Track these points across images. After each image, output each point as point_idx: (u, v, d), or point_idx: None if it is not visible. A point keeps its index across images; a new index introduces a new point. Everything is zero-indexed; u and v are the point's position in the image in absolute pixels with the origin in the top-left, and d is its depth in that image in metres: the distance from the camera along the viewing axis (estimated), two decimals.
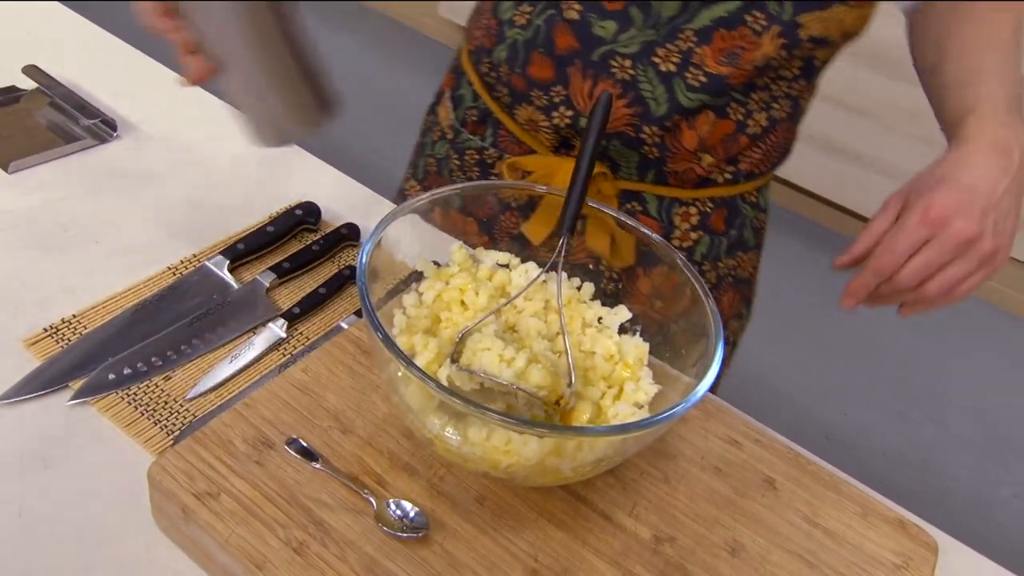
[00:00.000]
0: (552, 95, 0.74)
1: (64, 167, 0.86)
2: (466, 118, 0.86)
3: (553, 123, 0.76)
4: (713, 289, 0.84)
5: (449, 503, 0.57)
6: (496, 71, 0.79)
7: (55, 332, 0.69)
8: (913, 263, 0.62)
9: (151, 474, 0.55)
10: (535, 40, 0.74)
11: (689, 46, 0.69)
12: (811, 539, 0.62)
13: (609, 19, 0.70)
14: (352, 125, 2.66)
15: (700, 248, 0.82)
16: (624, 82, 0.71)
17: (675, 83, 0.70)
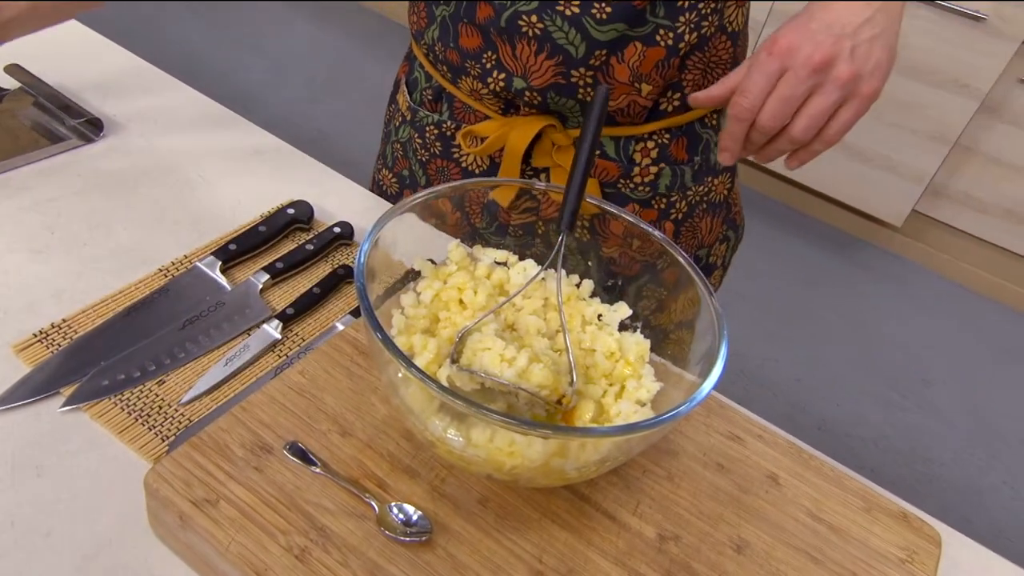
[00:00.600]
0: (484, 61, 0.77)
1: (49, 168, 0.85)
2: (423, 98, 0.88)
3: (490, 88, 0.78)
4: (687, 218, 0.86)
5: (451, 505, 0.57)
6: (433, 51, 0.82)
7: (45, 337, 0.67)
8: (770, 101, 0.62)
9: (147, 482, 0.54)
10: (458, 13, 0.76)
11: None
12: (816, 535, 0.61)
13: None
14: (343, 122, 2.65)
15: (663, 180, 0.83)
16: (537, 37, 0.73)
17: (584, 21, 0.71)
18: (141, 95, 0.98)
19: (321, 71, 2.88)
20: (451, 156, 0.87)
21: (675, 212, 0.85)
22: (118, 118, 0.93)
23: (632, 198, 0.82)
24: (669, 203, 0.84)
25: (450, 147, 0.87)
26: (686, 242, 0.88)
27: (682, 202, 0.85)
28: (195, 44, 2.82)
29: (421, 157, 0.91)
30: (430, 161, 0.89)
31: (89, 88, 0.95)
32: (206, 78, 2.59)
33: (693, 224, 0.86)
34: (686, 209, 0.86)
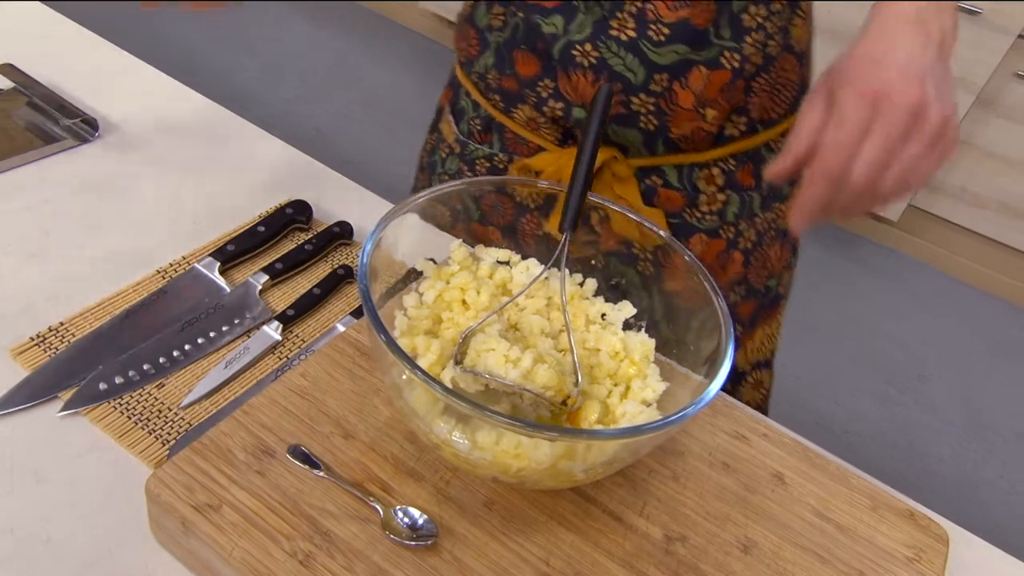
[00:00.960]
0: (539, 89, 0.73)
1: (44, 169, 0.84)
2: (471, 129, 0.84)
3: (547, 116, 0.74)
4: (756, 247, 0.81)
5: (457, 508, 0.56)
6: (484, 79, 0.78)
7: (42, 341, 0.66)
8: (866, 152, 0.52)
9: (149, 487, 0.53)
10: (515, 38, 0.72)
11: (637, 6, 0.67)
12: (823, 534, 0.61)
13: (553, 14, 0.69)
14: (340, 122, 2.64)
15: (731, 208, 0.78)
16: (593, 66, 0.70)
17: (641, 45, 0.68)
18: (136, 94, 0.97)
19: (317, 70, 2.86)
20: (504, 191, 0.81)
21: (743, 241, 0.80)
22: (113, 118, 0.92)
23: (699, 228, 0.77)
24: (737, 232, 0.79)
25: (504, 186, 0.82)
26: (755, 272, 0.81)
27: (750, 230, 0.80)
28: (190, 43, 2.80)
29: None
30: (483, 196, 0.82)
31: (84, 87, 0.94)
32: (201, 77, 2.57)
33: (763, 253, 0.80)
34: (755, 238, 0.81)
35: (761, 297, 0.83)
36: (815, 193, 0.55)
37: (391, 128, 2.64)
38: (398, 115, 2.72)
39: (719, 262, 0.78)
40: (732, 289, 0.78)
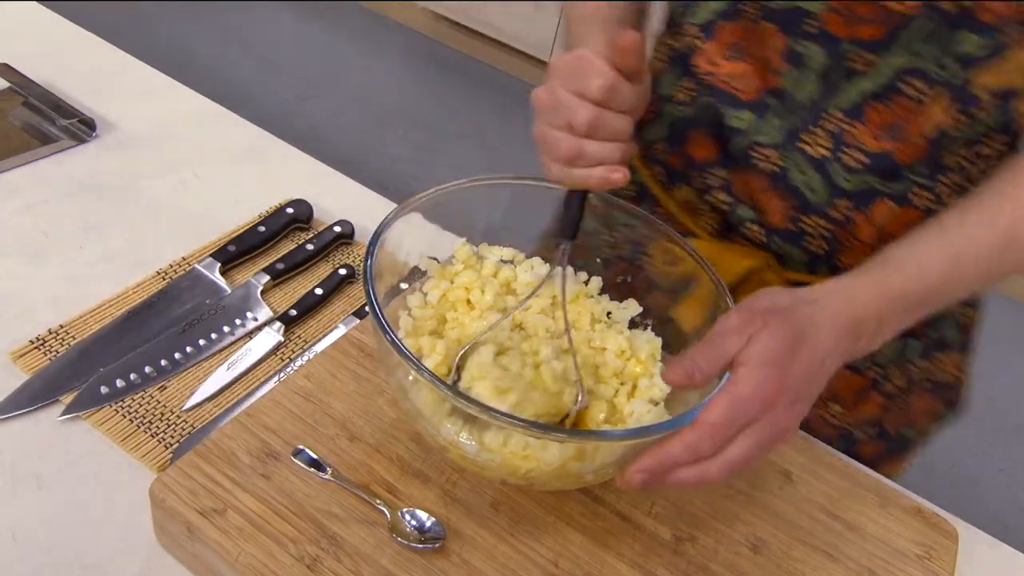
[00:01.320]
0: (708, 177, 0.68)
1: (41, 170, 0.83)
2: (619, 191, 0.75)
3: (709, 204, 0.69)
4: (902, 394, 0.72)
5: (464, 510, 0.56)
6: (651, 148, 0.72)
7: (42, 344, 0.66)
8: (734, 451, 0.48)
9: (153, 491, 0.52)
10: (699, 119, 0.67)
11: (839, 127, 0.60)
12: (832, 532, 0.60)
13: (744, 109, 0.63)
14: (335, 119, 2.62)
15: (887, 352, 0.70)
16: (772, 174, 0.64)
17: (830, 167, 0.61)
18: (133, 93, 0.96)
19: (311, 68, 2.85)
20: (635, 263, 0.73)
21: (889, 385, 0.71)
22: (110, 117, 0.91)
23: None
24: (884, 375, 0.71)
25: (641, 254, 0.75)
26: (892, 417, 0.74)
27: (901, 377, 0.72)
28: (184, 41, 2.78)
29: (604, 254, 0.78)
30: (613, 261, 0.77)
31: (80, 87, 0.93)
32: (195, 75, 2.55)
33: (907, 402, 0.72)
34: (904, 384, 0.73)
35: (891, 443, 0.75)
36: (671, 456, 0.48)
37: (388, 126, 2.63)
38: (395, 113, 2.71)
39: (854, 398, 0.71)
40: (861, 427, 0.72)
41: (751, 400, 0.47)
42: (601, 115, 0.52)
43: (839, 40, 0.58)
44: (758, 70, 0.62)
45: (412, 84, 2.91)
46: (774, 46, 0.61)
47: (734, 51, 0.63)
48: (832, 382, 0.68)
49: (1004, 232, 0.54)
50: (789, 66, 0.61)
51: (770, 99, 0.63)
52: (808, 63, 0.60)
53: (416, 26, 3.17)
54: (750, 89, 0.63)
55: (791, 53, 0.60)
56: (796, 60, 0.60)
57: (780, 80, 0.62)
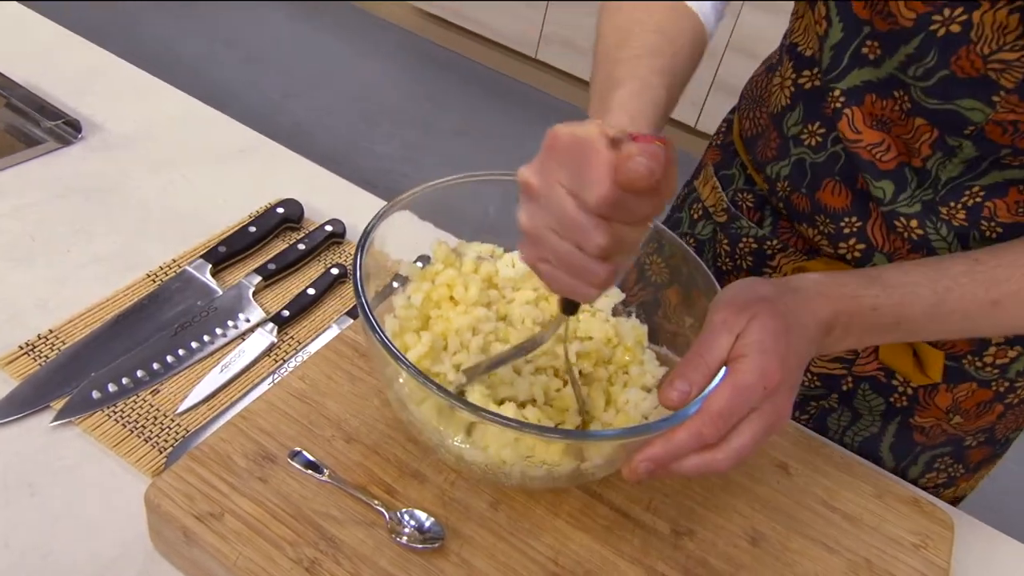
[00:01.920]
0: (843, 226, 0.65)
1: (27, 173, 0.82)
2: (739, 201, 0.75)
3: (838, 252, 0.66)
4: (1020, 403, 0.72)
5: (462, 510, 0.55)
6: (772, 182, 0.70)
7: (32, 349, 0.65)
8: (739, 439, 0.49)
9: (148, 497, 0.52)
10: (831, 166, 0.64)
11: (976, 201, 0.60)
12: (830, 523, 0.61)
13: (885, 179, 0.62)
14: (321, 116, 2.61)
15: (1017, 366, 0.69)
16: (914, 240, 0.63)
17: (971, 234, 0.61)
18: (118, 94, 0.95)
19: (298, 65, 2.83)
20: (760, 274, 0.74)
21: (1013, 396, 0.71)
22: (96, 118, 0.90)
23: (974, 377, 0.69)
24: (1011, 387, 0.70)
25: (763, 267, 0.74)
26: (1006, 425, 0.74)
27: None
28: (167, 39, 2.76)
29: (722, 265, 0.77)
30: (731, 273, 0.76)
31: (63, 88, 0.92)
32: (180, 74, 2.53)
33: (1022, 410, 0.72)
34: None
35: (997, 447, 0.76)
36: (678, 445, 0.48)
37: (376, 124, 2.62)
38: (382, 110, 2.69)
39: (976, 410, 0.71)
40: (972, 435, 0.72)
41: (754, 388, 0.48)
42: (615, 241, 0.42)
43: (998, 146, 0.56)
44: (899, 145, 0.60)
45: (400, 82, 2.90)
46: (924, 137, 0.59)
47: (879, 122, 0.60)
48: (958, 397, 0.69)
49: (1000, 296, 0.54)
50: (937, 153, 0.59)
51: (909, 172, 0.61)
52: (957, 154, 0.58)
53: (404, 23, 3.16)
54: (889, 159, 0.61)
55: (942, 144, 0.58)
56: (946, 150, 0.58)
57: (924, 162, 0.60)
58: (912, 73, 0.56)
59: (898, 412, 0.72)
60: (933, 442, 0.73)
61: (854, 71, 0.60)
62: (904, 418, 0.72)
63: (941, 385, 0.69)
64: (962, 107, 0.55)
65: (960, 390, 0.69)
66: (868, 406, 0.73)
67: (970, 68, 0.53)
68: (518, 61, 2.94)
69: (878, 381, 0.71)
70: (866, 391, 0.72)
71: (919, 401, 0.71)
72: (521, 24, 2.78)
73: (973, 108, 0.55)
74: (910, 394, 0.71)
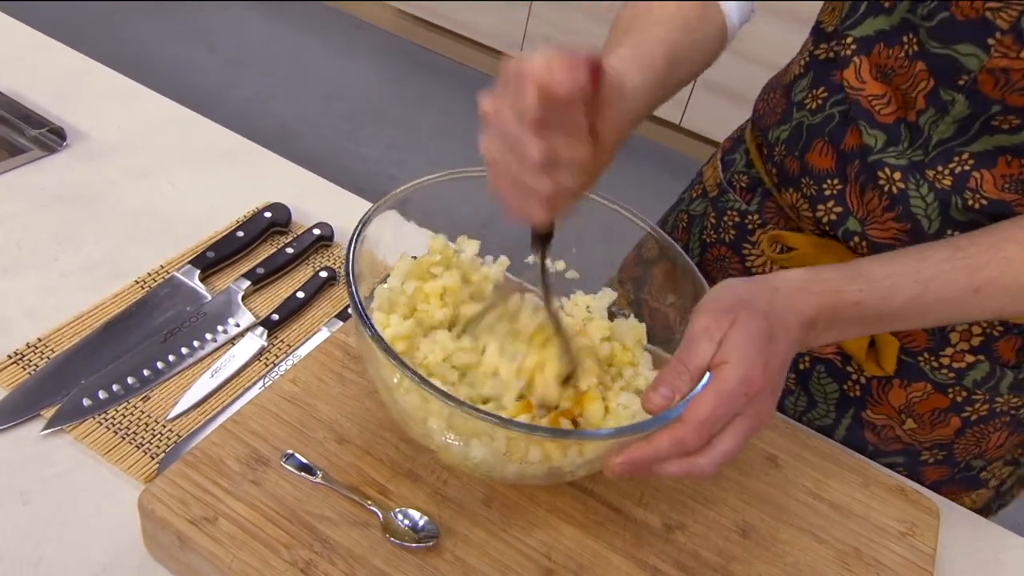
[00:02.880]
0: (824, 187, 0.67)
1: (11, 181, 0.81)
2: (734, 181, 0.78)
3: (816, 215, 0.68)
4: (980, 422, 0.71)
5: (456, 508, 0.56)
6: (772, 149, 0.72)
7: (20, 358, 0.65)
8: (722, 445, 0.49)
9: (142, 503, 0.52)
10: (824, 127, 0.67)
11: (965, 169, 0.60)
12: (818, 514, 0.62)
13: (878, 130, 0.63)
14: (302, 116, 2.60)
15: (974, 374, 0.69)
16: (892, 195, 0.63)
17: (953, 199, 0.61)
18: (101, 100, 0.95)
19: (277, 66, 2.82)
20: (739, 250, 0.77)
21: (971, 411, 0.70)
22: (80, 126, 0.90)
23: (929, 378, 0.69)
24: (968, 399, 0.70)
25: (743, 241, 0.77)
26: (963, 445, 0.72)
27: (984, 405, 0.70)
28: (146, 42, 2.74)
29: (707, 238, 0.81)
30: (714, 245, 0.79)
31: (46, 95, 0.92)
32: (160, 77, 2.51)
33: (983, 431, 0.71)
34: (985, 413, 0.71)
35: (957, 470, 0.74)
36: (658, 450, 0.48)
37: (357, 124, 2.62)
38: (363, 112, 2.69)
39: (931, 417, 0.71)
40: (929, 448, 0.72)
41: (736, 394, 0.48)
42: (552, 150, 0.45)
43: (989, 101, 0.57)
44: (898, 99, 0.62)
45: (382, 82, 2.89)
46: (921, 86, 0.60)
47: (882, 73, 0.62)
48: (912, 398, 0.70)
49: (981, 283, 0.55)
50: (931, 108, 0.60)
51: (903, 128, 0.62)
52: (950, 110, 0.59)
53: (384, 24, 3.15)
54: (888, 112, 0.63)
55: (936, 98, 0.59)
56: (939, 105, 0.60)
57: (918, 117, 0.61)
58: (920, 13, 0.58)
59: (851, 403, 0.72)
60: (887, 448, 0.73)
61: (868, 19, 0.62)
62: (857, 411, 0.73)
63: (895, 380, 0.70)
64: (959, 52, 0.57)
65: (914, 389, 0.69)
66: (823, 391, 0.74)
67: (969, 9, 0.55)
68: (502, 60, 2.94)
69: (834, 365, 0.72)
70: (821, 373, 0.73)
71: (872, 393, 0.71)
72: (503, 23, 2.79)
73: (969, 53, 0.56)
74: (863, 383, 0.71)
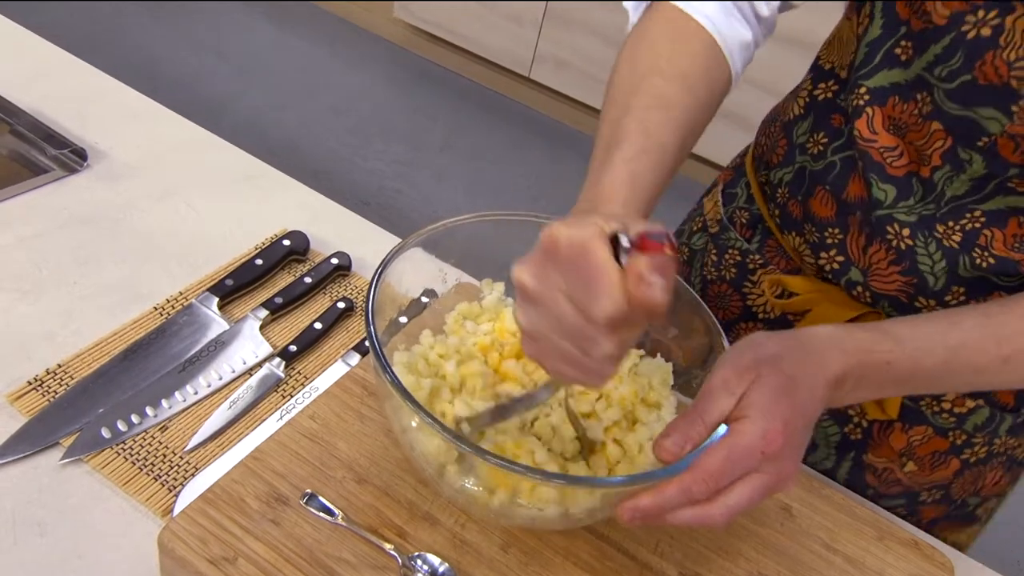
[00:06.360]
0: (826, 236, 0.67)
1: (33, 201, 0.82)
2: (735, 217, 0.77)
3: (819, 262, 0.68)
4: (979, 464, 0.72)
5: (474, 553, 0.56)
6: (773, 189, 0.72)
7: (40, 384, 0.65)
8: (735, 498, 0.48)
9: (161, 540, 0.52)
10: (825, 175, 0.66)
11: (976, 227, 0.60)
12: (832, 567, 0.62)
13: (889, 183, 0.62)
14: (309, 127, 2.61)
15: (975, 419, 0.69)
16: (899, 251, 0.63)
17: (960, 259, 0.61)
18: (121, 119, 0.95)
19: (286, 77, 2.83)
20: (740, 288, 0.76)
21: (970, 453, 0.71)
22: (99, 145, 0.90)
23: (930, 422, 0.69)
24: (968, 442, 0.70)
25: (744, 280, 0.76)
26: (961, 484, 0.73)
27: (983, 448, 0.71)
28: (157, 51, 2.75)
29: (707, 274, 0.80)
30: (715, 282, 0.78)
31: (67, 114, 0.92)
32: (170, 86, 2.53)
33: (981, 472, 0.72)
34: (984, 455, 0.72)
35: (953, 508, 0.75)
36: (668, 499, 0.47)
37: (365, 137, 2.63)
38: (371, 125, 2.70)
39: (932, 459, 0.71)
40: (927, 489, 0.72)
41: (751, 451, 0.47)
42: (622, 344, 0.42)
43: (1007, 164, 0.57)
44: (912, 153, 0.61)
45: (390, 96, 2.90)
46: (937, 144, 0.59)
47: (895, 126, 0.61)
48: (913, 441, 0.70)
49: (1010, 353, 0.54)
50: (947, 165, 0.59)
51: (916, 183, 0.61)
52: (967, 169, 0.59)
53: (394, 38, 3.17)
54: (900, 165, 0.62)
55: (953, 156, 0.59)
56: (956, 164, 0.59)
57: (932, 173, 0.60)
58: (938, 74, 0.57)
59: (852, 446, 0.72)
60: (887, 490, 0.73)
61: (883, 71, 0.60)
62: (858, 454, 0.73)
63: (896, 424, 0.70)
64: (981, 115, 0.56)
65: (915, 433, 0.69)
66: (825, 434, 0.74)
67: (993, 74, 0.54)
68: (508, 77, 2.95)
69: (835, 408, 0.72)
70: (823, 417, 0.73)
71: (873, 436, 0.71)
72: (514, 42, 2.80)
73: (991, 117, 0.56)
74: (865, 427, 0.72)
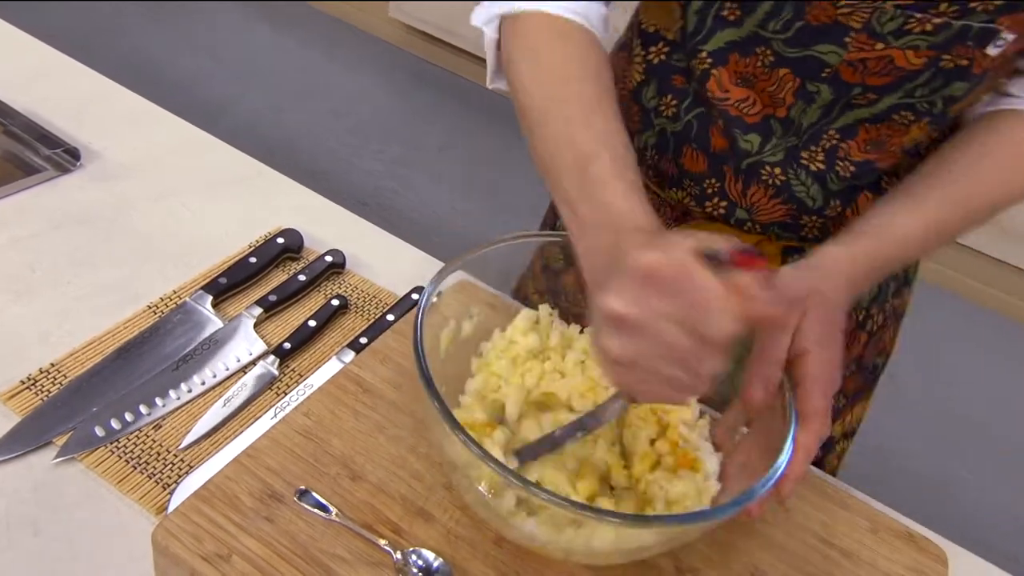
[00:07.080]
0: (705, 187, 0.72)
1: (25, 201, 0.82)
2: None
3: (706, 211, 0.73)
4: (879, 329, 0.81)
5: (468, 548, 0.56)
6: (641, 154, 0.75)
7: (33, 383, 0.65)
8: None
9: (155, 538, 0.52)
10: (687, 135, 0.71)
11: (832, 143, 0.67)
12: (827, 560, 0.62)
13: (752, 132, 0.68)
14: (307, 129, 2.61)
15: (870, 293, 0.78)
16: (776, 186, 0.69)
17: (827, 177, 0.68)
18: (116, 121, 0.95)
19: (283, 79, 2.83)
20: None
21: (872, 324, 0.79)
22: (93, 146, 0.90)
23: None
24: (868, 315, 0.78)
25: None
26: (871, 351, 0.82)
27: (880, 315, 0.80)
28: (155, 54, 2.75)
29: None
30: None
31: (62, 114, 0.92)
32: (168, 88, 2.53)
33: (882, 336, 0.80)
34: (881, 321, 0.80)
35: (867, 374, 0.83)
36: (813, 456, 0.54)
37: (363, 138, 2.63)
38: (369, 126, 2.70)
39: (847, 340, 0.73)
40: (846, 365, 0.78)
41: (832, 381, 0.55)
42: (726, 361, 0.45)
43: (850, 85, 0.63)
44: (764, 98, 0.66)
45: (388, 97, 2.90)
46: (788, 86, 0.65)
47: (743, 79, 0.66)
48: None
49: (971, 211, 0.63)
50: (799, 101, 0.65)
51: (774, 123, 0.67)
52: (816, 99, 0.64)
53: (392, 39, 3.17)
54: (755, 113, 0.67)
55: (803, 91, 0.64)
56: (806, 97, 0.65)
57: (787, 111, 0.66)
58: (772, 28, 0.62)
59: None
60: None
61: (717, 33, 0.64)
62: None
63: None
64: (819, 52, 0.61)
65: None
66: None
67: (823, 15, 0.59)
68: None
69: None
70: None
71: None
72: None
73: (829, 51, 0.61)
74: None
